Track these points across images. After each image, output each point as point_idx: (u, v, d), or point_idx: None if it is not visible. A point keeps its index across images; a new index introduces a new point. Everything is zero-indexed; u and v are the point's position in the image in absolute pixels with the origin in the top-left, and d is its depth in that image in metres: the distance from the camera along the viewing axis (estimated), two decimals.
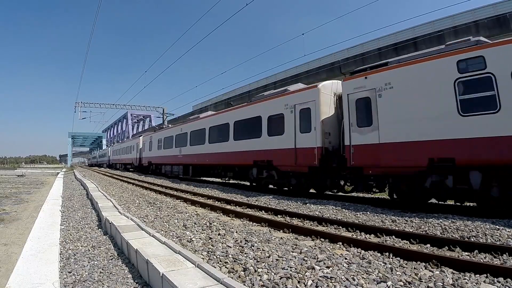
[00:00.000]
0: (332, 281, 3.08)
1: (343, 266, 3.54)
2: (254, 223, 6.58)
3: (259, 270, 3.43)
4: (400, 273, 3.35)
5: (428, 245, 4.59)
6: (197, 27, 32.32)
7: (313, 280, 3.10)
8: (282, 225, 6.03)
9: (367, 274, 3.28)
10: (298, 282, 3.09)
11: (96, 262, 4.38)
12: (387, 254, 4.08)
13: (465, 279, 3.19)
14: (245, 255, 3.97)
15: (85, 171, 37.40)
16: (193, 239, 4.89)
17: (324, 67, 26.73)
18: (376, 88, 7.95)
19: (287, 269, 3.41)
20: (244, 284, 3.07)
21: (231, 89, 39.13)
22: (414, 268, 3.55)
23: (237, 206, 8.81)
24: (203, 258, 3.85)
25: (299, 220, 6.71)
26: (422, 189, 7.19)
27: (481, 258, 3.98)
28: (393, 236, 5.06)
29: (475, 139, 6.16)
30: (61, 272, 4.06)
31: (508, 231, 4.89)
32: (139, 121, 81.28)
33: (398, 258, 3.93)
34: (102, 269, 4.08)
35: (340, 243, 4.72)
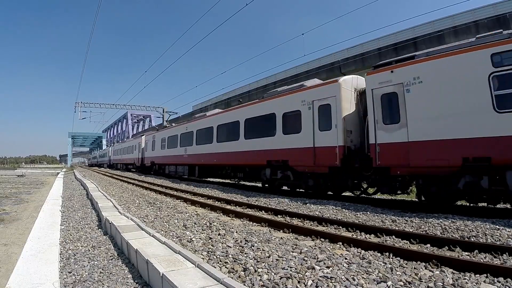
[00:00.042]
0: (332, 281, 3.08)
1: (343, 266, 3.54)
2: (254, 223, 6.58)
3: (259, 270, 3.43)
4: (400, 273, 3.36)
5: (428, 245, 4.59)
6: (197, 27, 32.36)
7: (313, 280, 3.10)
8: (282, 225, 6.03)
9: (367, 274, 3.28)
10: (298, 282, 3.09)
11: (96, 262, 4.38)
12: (387, 254, 4.08)
13: (465, 279, 3.19)
14: (245, 255, 3.97)
15: (85, 171, 37.39)
16: (193, 239, 4.89)
17: (324, 67, 26.76)
18: (404, 83, 7.46)
19: (287, 269, 3.41)
20: (244, 284, 3.07)
21: (231, 89, 39.27)
22: (414, 268, 3.55)
23: (237, 206, 8.81)
24: (203, 258, 3.85)
25: (299, 220, 6.70)
26: (455, 191, 6.77)
27: (481, 258, 3.98)
28: (393, 236, 5.06)
29: None
30: (61, 272, 4.06)
31: (508, 231, 4.90)
32: (139, 121, 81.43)
33: (398, 258, 3.93)
34: (102, 269, 4.08)
35: (340, 243, 4.71)
